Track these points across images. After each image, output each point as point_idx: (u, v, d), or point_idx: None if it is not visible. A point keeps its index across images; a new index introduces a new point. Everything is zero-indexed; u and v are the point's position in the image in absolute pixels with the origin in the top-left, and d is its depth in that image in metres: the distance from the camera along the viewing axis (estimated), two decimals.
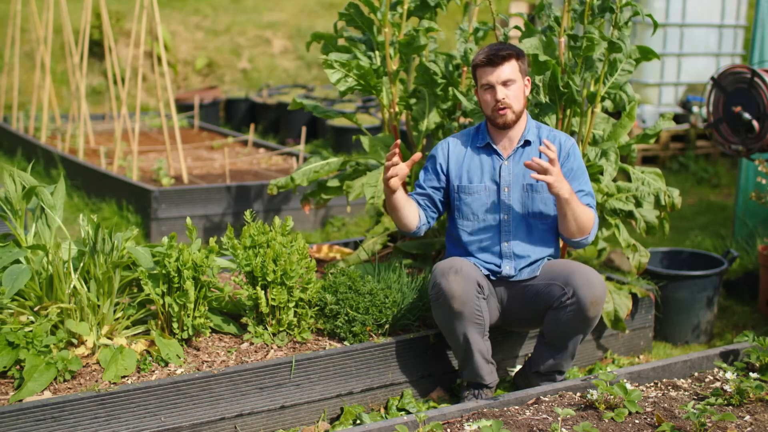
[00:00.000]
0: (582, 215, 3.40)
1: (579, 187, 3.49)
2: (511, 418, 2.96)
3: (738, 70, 4.93)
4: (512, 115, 3.47)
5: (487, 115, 3.52)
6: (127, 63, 7.53)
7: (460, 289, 3.29)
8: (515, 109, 3.46)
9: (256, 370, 3.23)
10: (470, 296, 3.31)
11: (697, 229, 6.37)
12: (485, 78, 3.45)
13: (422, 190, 3.63)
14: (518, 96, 3.46)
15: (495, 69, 3.42)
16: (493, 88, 3.44)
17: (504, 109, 3.45)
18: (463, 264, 3.37)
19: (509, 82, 3.43)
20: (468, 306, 3.31)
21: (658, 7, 8.15)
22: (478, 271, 3.41)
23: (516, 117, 3.48)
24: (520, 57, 3.47)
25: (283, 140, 9.58)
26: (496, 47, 3.46)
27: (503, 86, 3.43)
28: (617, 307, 3.99)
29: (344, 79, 4.14)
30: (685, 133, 8.41)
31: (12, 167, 3.49)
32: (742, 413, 2.97)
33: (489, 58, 3.43)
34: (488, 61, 3.43)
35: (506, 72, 3.42)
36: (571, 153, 3.52)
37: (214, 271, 3.45)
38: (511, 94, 3.44)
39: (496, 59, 3.42)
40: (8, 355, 3.04)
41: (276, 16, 13.24)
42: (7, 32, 8.54)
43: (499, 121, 3.48)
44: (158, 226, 5.95)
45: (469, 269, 3.36)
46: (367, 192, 4.17)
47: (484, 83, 3.46)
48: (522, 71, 3.48)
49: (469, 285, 3.31)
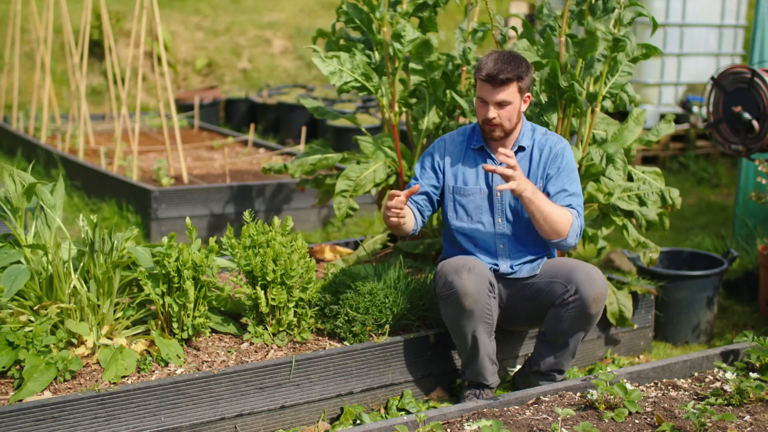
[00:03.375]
0: (552, 215, 3.35)
1: (562, 186, 3.47)
2: (511, 418, 2.96)
3: (738, 70, 4.93)
4: (501, 132, 3.46)
5: (479, 123, 3.52)
6: (127, 63, 7.53)
7: (474, 287, 3.29)
8: (505, 127, 3.45)
9: (256, 370, 3.23)
10: (482, 294, 3.31)
11: (697, 229, 6.37)
12: (481, 92, 3.42)
13: (421, 188, 3.61)
14: (511, 116, 3.44)
15: (493, 89, 3.39)
16: (486, 104, 3.42)
17: (493, 126, 3.44)
18: (476, 262, 3.37)
19: (504, 104, 3.41)
20: (479, 304, 3.31)
21: (658, 7, 8.15)
22: (489, 271, 3.42)
23: (505, 133, 3.47)
24: (523, 77, 3.40)
25: (283, 140, 9.58)
26: (499, 66, 3.36)
27: (497, 106, 3.41)
28: (622, 306, 3.99)
29: (339, 73, 4.11)
30: (685, 133, 8.41)
31: (12, 167, 3.49)
32: (742, 413, 2.97)
33: (489, 77, 3.36)
34: (487, 80, 3.38)
35: (503, 95, 3.39)
36: (560, 154, 3.50)
37: (214, 270, 3.45)
38: (504, 114, 3.42)
39: (494, 81, 3.37)
40: (8, 355, 3.04)
41: (276, 16, 13.24)
42: (7, 32, 8.54)
43: (487, 135, 3.49)
44: (158, 226, 5.94)
45: (482, 268, 3.36)
46: (339, 184, 4.09)
47: (480, 96, 3.44)
48: (523, 90, 3.43)
49: (481, 283, 3.31)
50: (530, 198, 3.31)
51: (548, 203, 3.37)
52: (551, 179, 3.48)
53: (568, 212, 3.42)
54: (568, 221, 3.40)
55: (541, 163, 3.50)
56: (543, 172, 3.49)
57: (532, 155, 3.52)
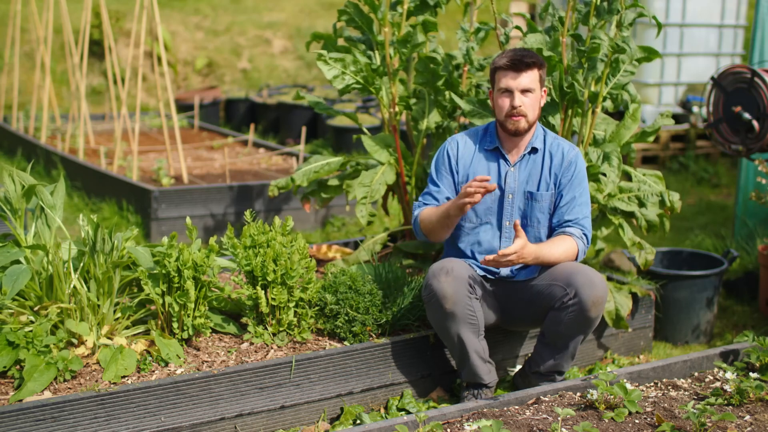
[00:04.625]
0: (560, 257, 3.43)
1: (573, 195, 3.48)
2: (511, 418, 2.96)
3: (738, 70, 4.93)
4: (525, 123, 3.45)
5: (500, 120, 3.49)
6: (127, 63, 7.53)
7: (451, 290, 3.29)
8: (530, 118, 3.44)
9: (256, 370, 3.23)
10: (461, 296, 3.31)
11: (697, 229, 6.37)
12: (504, 82, 3.41)
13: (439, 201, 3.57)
14: (534, 106, 3.44)
15: (517, 75, 3.39)
16: (512, 93, 3.41)
17: (518, 116, 3.42)
18: (455, 264, 3.37)
19: (528, 91, 3.40)
20: (459, 306, 3.31)
21: (658, 7, 8.15)
22: (470, 271, 3.41)
23: (528, 126, 3.46)
24: (543, 67, 3.44)
25: (283, 140, 9.58)
26: (521, 53, 3.40)
27: (522, 94, 3.40)
28: (618, 306, 3.98)
29: (341, 76, 4.12)
30: (685, 133, 8.41)
31: (12, 167, 3.49)
32: (742, 413, 2.97)
33: (513, 62, 3.38)
34: (511, 66, 3.38)
35: (527, 80, 3.39)
36: (573, 162, 3.51)
37: (214, 270, 3.45)
38: (528, 102, 3.41)
39: (520, 65, 3.37)
40: (8, 355, 3.04)
41: (276, 16, 13.24)
42: (7, 32, 8.54)
43: (510, 127, 3.46)
44: (158, 226, 5.95)
45: (461, 269, 3.35)
46: (359, 192, 4.14)
47: (503, 87, 3.42)
48: (542, 81, 3.45)
49: (459, 285, 3.31)
50: (534, 262, 3.37)
51: (551, 252, 3.40)
52: (564, 187, 3.49)
53: (569, 241, 3.45)
54: (573, 251, 3.46)
55: (553, 169, 3.50)
56: (555, 178, 3.50)
57: (543, 160, 3.52)
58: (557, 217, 3.50)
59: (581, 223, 3.48)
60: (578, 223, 3.48)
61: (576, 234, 3.47)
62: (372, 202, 4.16)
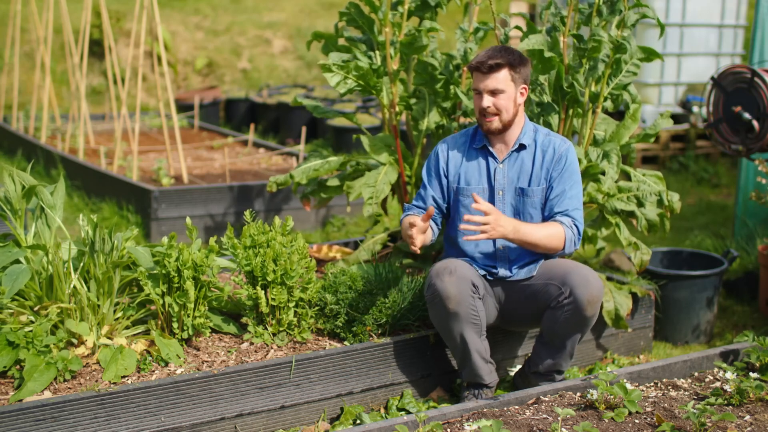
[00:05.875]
0: (542, 240, 3.37)
1: (563, 188, 3.47)
2: (511, 418, 2.96)
3: (738, 70, 4.93)
4: (499, 123, 3.45)
5: (477, 118, 3.52)
6: (127, 63, 7.53)
7: (455, 290, 3.29)
8: (503, 117, 3.44)
9: (256, 370, 3.23)
10: (465, 296, 3.31)
11: (697, 229, 6.37)
12: (475, 83, 3.44)
13: (431, 198, 3.59)
14: (507, 106, 3.43)
15: (484, 77, 3.40)
16: (480, 94, 3.43)
17: (490, 117, 3.43)
18: (458, 264, 3.37)
19: (497, 92, 3.40)
20: (463, 306, 3.31)
21: (658, 7, 8.15)
22: (473, 271, 3.41)
23: (503, 125, 3.46)
24: (515, 65, 3.41)
25: (283, 140, 9.58)
26: (489, 54, 3.41)
27: (490, 95, 3.41)
28: (618, 305, 3.98)
29: (344, 81, 4.13)
30: (685, 133, 8.41)
31: (12, 167, 3.49)
32: (742, 413, 2.97)
33: (479, 64, 3.39)
34: (477, 67, 3.40)
35: (494, 81, 3.38)
36: (564, 155, 3.49)
37: (214, 270, 3.45)
38: (499, 104, 3.41)
39: (483, 67, 3.38)
40: (8, 355, 3.04)
41: (276, 16, 13.24)
42: (7, 32, 8.54)
43: (483, 127, 3.48)
44: (158, 226, 5.95)
45: (464, 269, 3.36)
46: (365, 192, 4.16)
47: (473, 88, 3.46)
48: (516, 80, 3.42)
49: (463, 285, 3.31)
50: (513, 239, 3.33)
51: (533, 231, 3.37)
52: (554, 180, 3.48)
53: (557, 227, 3.42)
54: (560, 237, 3.41)
55: (544, 165, 3.49)
56: (546, 173, 3.49)
57: (534, 156, 3.51)
58: (548, 209, 3.49)
59: (571, 214, 3.46)
60: (568, 214, 3.46)
61: (566, 222, 3.44)
62: (377, 202, 4.17)
